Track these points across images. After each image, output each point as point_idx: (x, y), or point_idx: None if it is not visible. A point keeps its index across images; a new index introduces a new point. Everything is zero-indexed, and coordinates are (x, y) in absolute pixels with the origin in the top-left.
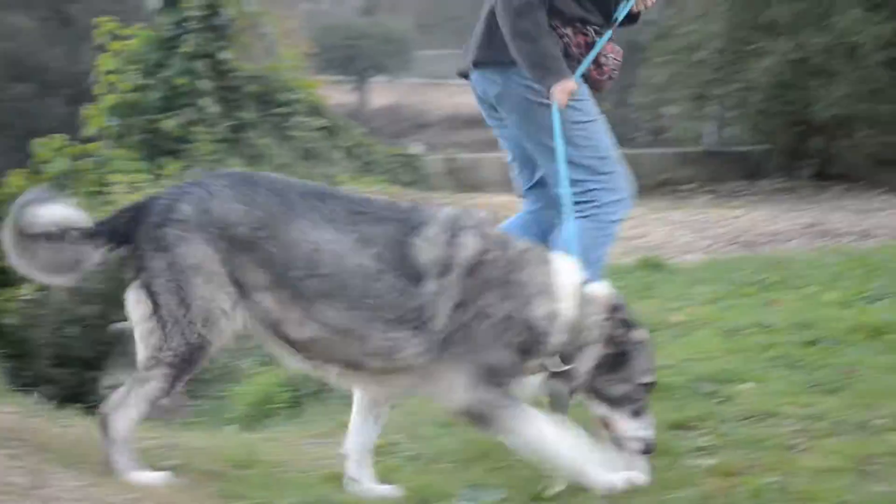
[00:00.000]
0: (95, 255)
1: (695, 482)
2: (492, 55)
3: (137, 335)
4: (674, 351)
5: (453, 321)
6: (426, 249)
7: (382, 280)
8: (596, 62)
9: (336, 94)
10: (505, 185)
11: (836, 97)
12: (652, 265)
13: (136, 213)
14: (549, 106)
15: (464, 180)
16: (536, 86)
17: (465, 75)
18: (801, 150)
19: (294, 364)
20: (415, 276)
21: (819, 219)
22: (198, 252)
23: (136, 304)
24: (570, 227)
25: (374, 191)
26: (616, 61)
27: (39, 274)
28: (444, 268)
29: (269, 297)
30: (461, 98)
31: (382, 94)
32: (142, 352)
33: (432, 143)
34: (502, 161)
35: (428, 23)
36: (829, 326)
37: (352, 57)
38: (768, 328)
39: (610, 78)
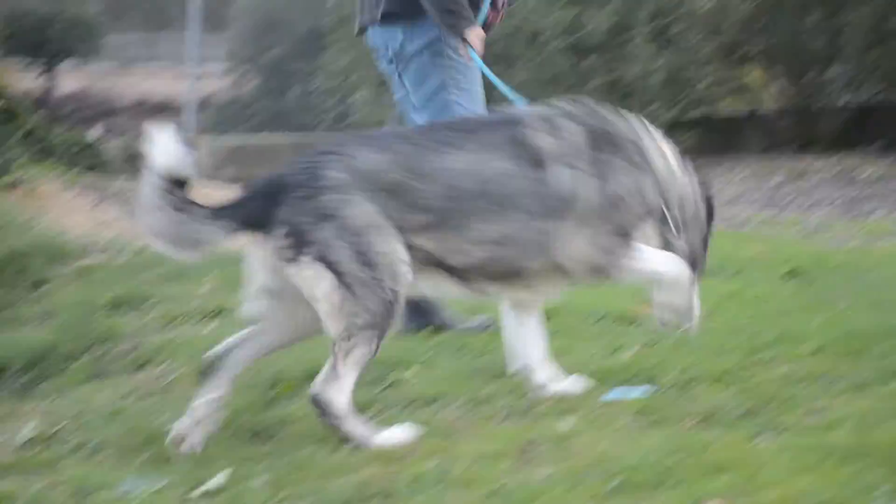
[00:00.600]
0: (220, 238)
1: (354, 469)
2: (399, 7)
3: (325, 309)
4: None
5: (600, 196)
6: (539, 138)
7: (519, 175)
8: (492, 4)
9: (23, 79)
10: None
11: (516, 83)
12: None
13: (270, 194)
14: (445, 63)
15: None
16: (436, 43)
17: (363, 30)
18: None
19: (455, 293)
20: (541, 164)
21: None
22: (363, 210)
23: (316, 279)
24: None
25: (51, 175)
26: (505, 1)
27: (161, 242)
28: (563, 151)
29: (426, 236)
30: (150, 83)
31: (72, 79)
32: (336, 323)
33: (119, 129)
34: None
35: (118, 7)
36: (497, 312)
37: (40, 41)
38: None
39: (500, 17)
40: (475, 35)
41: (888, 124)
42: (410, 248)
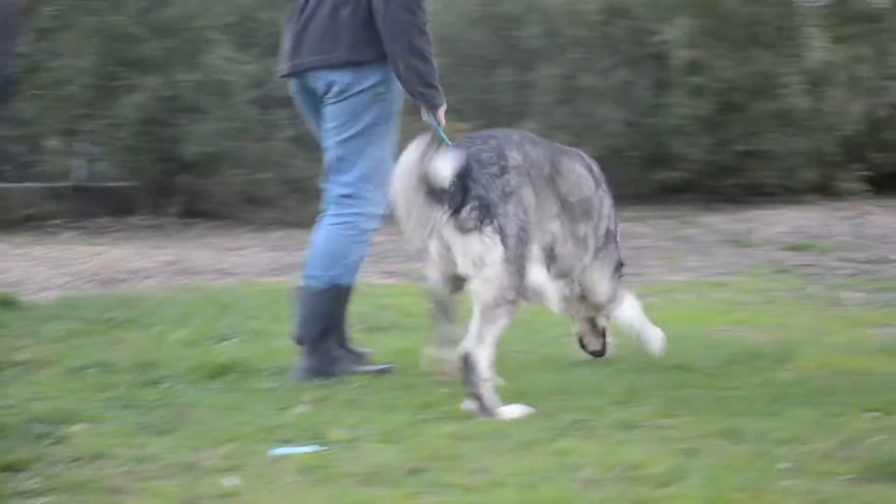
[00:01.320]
0: (442, 219)
1: None
2: (361, 54)
3: (487, 276)
4: (14, 391)
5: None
6: (593, 166)
7: (595, 189)
8: None
9: None
10: None
11: (204, 135)
12: (4, 302)
13: (463, 173)
14: (378, 106)
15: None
16: (381, 88)
17: (294, 74)
18: (169, 186)
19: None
20: (596, 182)
21: (181, 256)
22: (531, 193)
23: (492, 248)
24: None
25: None
26: None
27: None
28: (600, 180)
29: (557, 223)
30: None
31: None
32: (491, 291)
33: None
34: None
35: None
36: (172, 366)
37: None
38: (110, 368)
39: None
40: (444, 111)
41: None
42: (544, 233)
